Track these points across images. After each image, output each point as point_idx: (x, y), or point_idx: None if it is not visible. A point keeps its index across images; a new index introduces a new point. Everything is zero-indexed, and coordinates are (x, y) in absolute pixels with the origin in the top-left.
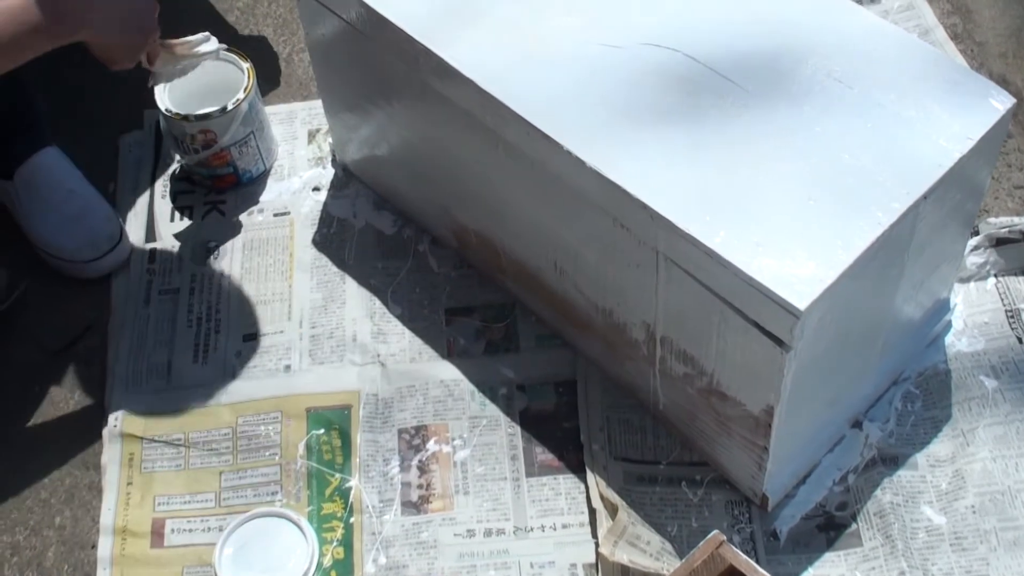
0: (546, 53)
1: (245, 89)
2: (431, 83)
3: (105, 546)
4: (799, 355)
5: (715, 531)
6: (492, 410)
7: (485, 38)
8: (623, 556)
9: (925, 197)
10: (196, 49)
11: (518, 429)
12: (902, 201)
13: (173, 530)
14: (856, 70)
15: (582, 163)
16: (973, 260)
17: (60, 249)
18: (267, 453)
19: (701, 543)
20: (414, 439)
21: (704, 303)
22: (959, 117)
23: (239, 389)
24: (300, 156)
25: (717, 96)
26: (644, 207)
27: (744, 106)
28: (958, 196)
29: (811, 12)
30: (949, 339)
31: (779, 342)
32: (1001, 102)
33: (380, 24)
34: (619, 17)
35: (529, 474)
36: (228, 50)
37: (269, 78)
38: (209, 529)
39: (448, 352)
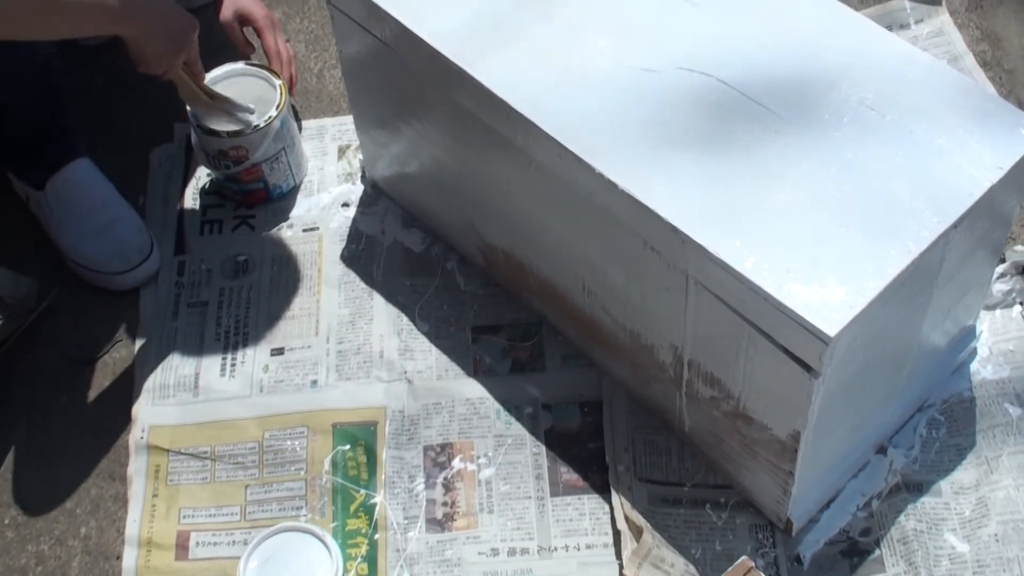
0: (580, 75)
1: (277, 106)
2: (463, 102)
3: (130, 557)
4: (827, 381)
5: (743, 557)
6: (517, 429)
7: (519, 59)
8: None
9: (955, 226)
10: (228, 107)
11: (543, 448)
12: (932, 229)
13: (198, 543)
14: (887, 97)
15: (614, 185)
16: (999, 288)
17: (90, 260)
18: (293, 468)
19: (730, 568)
20: (439, 456)
21: (733, 327)
22: (990, 146)
23: (266, 403)
24: (330, 172)
25: (749, 121)
26: (675, 231)
27: (776, 131)
28: (987, 225)
29: (843, 38)
30: (974, 366)
31: (807, 368)
32: None
33: (414, 43)
34: (653, 41)
35: (554, 494)
36: (260, 67)
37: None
38: (234, 543)
39: (474, 370)
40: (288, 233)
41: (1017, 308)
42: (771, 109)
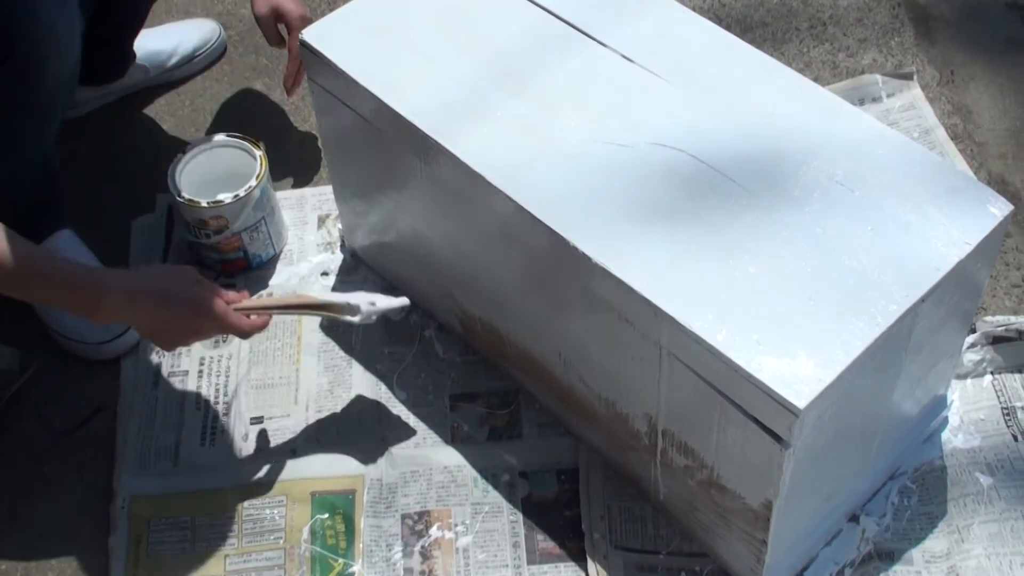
0: (555, 150)
1: (257, 176)
2: (441, 176)
3: None
4: (797, 452)
5: None
6: (494, 497)
7: (495, 134)
8: None
9: (923, 300)
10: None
11: (520, 516)
12: (900, 303)
13: None
14: (857, 174)
15: (588, 259)
16: (970, 357)
17: (73, 331)
18: (272, 537)
19: None
20: (417, 524)
21: (705, 398)
22: (957, 222)
23: (245, 472)
24: (310, 241)
25: (721, 196)
26: (648, 303)
27: (747, 206)
28: (956, 297)
29: (814, 115)
30: (945, 435)
31: (778, 439)
32: (999, 208)
33: (392, 118)
34: (626, 117)
35: (531, 562)
36: (240, 138)
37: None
38: None
39: (452, 438)
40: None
41: (988, 377)
42: (742, 184)
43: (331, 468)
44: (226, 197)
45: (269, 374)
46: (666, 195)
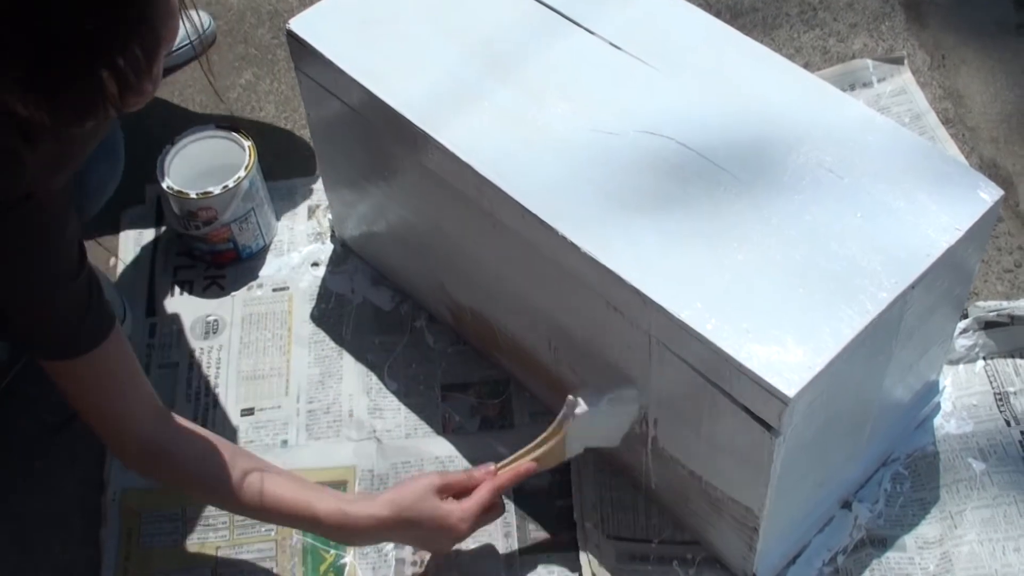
0: (543, 138)
1: (246, 167)
2: (429, 165)
3: None
4: (788, 440)
5: None
6: None
7: (483, 123)
8: None
9: (913, 286)
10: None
11: (512, 506)
12: (890, 290)
13: None
14: (847, 160)
15: (576, 247)
16: (962, 343)
17: None
18: (263, 529)
19: None
20: None
21: (695, 386)
22: (948, 208)
23: None
24: (300, 231)
25: (710, 184)
26: (636, 292)
27: (736, 194)
28: (947, 283)
29: (803, 102)
30: (938, 421)
31: (768, 427)
32: (989, 194)
33: (380, 108)
34: (615, 105)
35: (522, 552)
36: (229, 128)
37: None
38: None
39: (443, 428)
40: (258, 293)
41: (980, 363)
42: (731, 172)
43: (322, 459)
44: (215, 188)
45: (260, 365)
46: (654, 183)
